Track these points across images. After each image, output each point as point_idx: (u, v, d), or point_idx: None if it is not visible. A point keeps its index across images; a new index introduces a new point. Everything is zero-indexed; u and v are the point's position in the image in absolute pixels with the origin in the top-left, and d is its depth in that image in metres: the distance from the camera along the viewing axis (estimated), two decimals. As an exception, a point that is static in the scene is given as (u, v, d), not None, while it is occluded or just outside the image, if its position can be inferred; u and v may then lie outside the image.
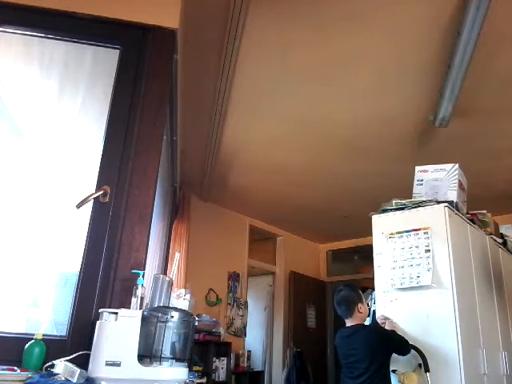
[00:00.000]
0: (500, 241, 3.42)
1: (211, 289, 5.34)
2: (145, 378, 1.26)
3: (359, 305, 2.55)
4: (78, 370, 1.27)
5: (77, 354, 1.42)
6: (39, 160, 2.07)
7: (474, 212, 3.21)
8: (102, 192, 1.68)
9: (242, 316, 5.67)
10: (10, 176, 2.01)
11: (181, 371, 1.34)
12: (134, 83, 1.88)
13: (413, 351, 2.44)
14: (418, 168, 2.99)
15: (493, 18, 2.43)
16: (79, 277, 1.61)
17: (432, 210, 2.66)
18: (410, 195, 2.91)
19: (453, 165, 2.90)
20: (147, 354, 1.30)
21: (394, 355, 2.44)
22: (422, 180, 2.93)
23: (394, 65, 2.95)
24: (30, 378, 1.28)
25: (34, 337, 1.44)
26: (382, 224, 2.83)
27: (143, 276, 1.56)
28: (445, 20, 2.55)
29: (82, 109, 2.12)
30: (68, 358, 1.39)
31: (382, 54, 2.85)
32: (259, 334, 6.38)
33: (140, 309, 1.46)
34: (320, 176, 4.76)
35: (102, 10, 1.95)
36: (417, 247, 2.62)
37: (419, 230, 2.64)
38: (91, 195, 1.66)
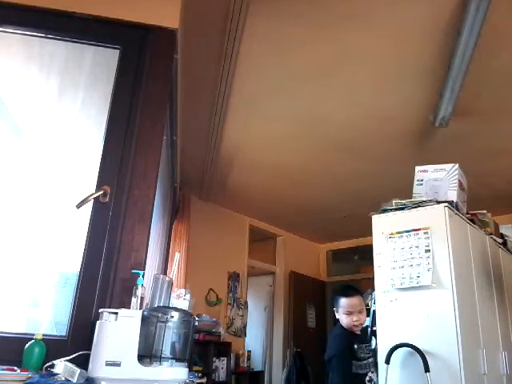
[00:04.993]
0: (500, 241, 3.42)
1: (211, 289, 5.34)
2: (145, 378, 1.26)
3: (335, 309, 2.59)
4: (78, 370, 1.27)
5: (77, 354, 1.42)
6: (39, 160, 2.07)
7: (474, 212, 3.20)
8: (101, 192, 1.68)
9: (242, 316, 5.67)
10: (10, 176, 2.01)
11: (181, 371, 1.34)
12: (134, 83, 1.88)
13: (413, 351, 2.44)
14: (417, 168, 2.98)
15: (493, 18, 2.43)
16: (79, 277, 1.61)
17: (432, 210, 2.66)
18: (410, 195, 2.91)
19: (453, 165, 2.90)
20: (147, 354, 1.30)
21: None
22: (422, 180, 2.93)
23: (394, 64, 2.95)
24: (30, 378, 1.28)
25: (34, 337, 1.44)
26: (382, 224, 2.83)
27: (143, 276, 1.56)
28: (445, 20, 2.55)
29: (82, 109, 2.12)
30: (68, 358, 1.39)
31: (382, 53, 2.85)
32: (259, 334, 6.38)
33: (140, 309, 1.46)
34: (320, 176, 4.76)
35: (101, 10, 1.95)
36: (417, 247, 2.61)
37: (419, 229, 2.64)
38: (91, 195, 1.66)
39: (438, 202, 2.68)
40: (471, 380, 2.37)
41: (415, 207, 2.74)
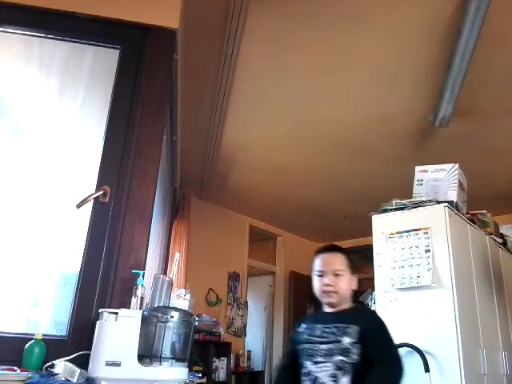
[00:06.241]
0: (500, 241, 3.42)
1: (211, 289, 5.34)
2: (145, 378, 1.26)
3: None
4: (78, 370, 1.27)
5: (77, 354, 1.42)
6: (39, 160, 2.07)
7: (474, 212, 3.21)
8: (102, 192, 1.68)
9: (242, 316, 5.67)
10: (10, 176, 2.01)
11: (181, 371, 1.34)
12: (134, 83, 1.88)
13: (413, 351, 2.44)
14: (417, 168, 2.99)
15: (493, 18, 2.43)
16: (79, 277, 1.61)
17: (432, 210, 2.66)
18: (410, 195, 2.91)
19: (453, 165, 2.90)
20: (147, 354, 1.30)
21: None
22: (422, 180, 2.93)
23: (394, 64, 2.95)
24: (30, 378, 1.29)
25: (34, 337, 1.44)
26: (382, 224, 2.83)
27: (143, 276, 1.56)
28: (445, 20, 2.55)
29: (81, 109, 2.12)
30: (68, 358, 1.39)
31: (381, 53, 2.85)
32: (259, 334, 6.38)
33: (140, 309, 1.46)
34: (320, 176, 4.76)
35: (101, 10, 1.95)
36: (417, 247, 2.61)
37: (419, 230, 2.64)
38: (91, 195, 1.66)
39: (438, 202, 2.69)
40: (471, 380, 2.37)
41: (415, 207, 2.74)
